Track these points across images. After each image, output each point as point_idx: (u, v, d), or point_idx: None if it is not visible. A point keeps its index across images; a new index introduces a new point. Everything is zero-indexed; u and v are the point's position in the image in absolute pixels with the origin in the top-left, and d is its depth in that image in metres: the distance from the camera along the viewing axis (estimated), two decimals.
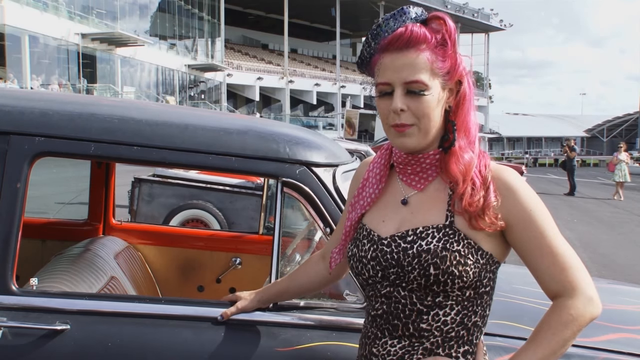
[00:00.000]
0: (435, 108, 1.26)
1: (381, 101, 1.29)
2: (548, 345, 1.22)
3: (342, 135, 20.87)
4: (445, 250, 1.23)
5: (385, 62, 1.26)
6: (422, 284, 1.24)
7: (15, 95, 1.97)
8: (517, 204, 1.26)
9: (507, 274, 2.80)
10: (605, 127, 64.71)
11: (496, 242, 1.28)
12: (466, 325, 1.28)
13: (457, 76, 1.28)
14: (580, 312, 1.23)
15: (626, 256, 8.55)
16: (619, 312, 2.18)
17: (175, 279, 2.98)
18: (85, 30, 29.34)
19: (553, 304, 1.26)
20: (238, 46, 53.52)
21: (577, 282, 1.24)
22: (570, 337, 1.23)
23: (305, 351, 1.65)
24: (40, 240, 2.91)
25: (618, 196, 17.35)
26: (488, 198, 1.24)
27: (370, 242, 1.32)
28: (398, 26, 1.26)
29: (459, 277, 1.22)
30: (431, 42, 1.25)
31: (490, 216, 1.24)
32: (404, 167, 1.34)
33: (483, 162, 1.29)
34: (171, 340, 1.66)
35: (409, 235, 1.27)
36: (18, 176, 1.69)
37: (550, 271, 1.25)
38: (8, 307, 1.65)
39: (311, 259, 1.66)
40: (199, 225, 6.69)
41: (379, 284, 1.31)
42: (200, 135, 1.80)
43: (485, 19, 63.10)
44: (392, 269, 1.27)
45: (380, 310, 1.31)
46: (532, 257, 1.26)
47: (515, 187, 1.27)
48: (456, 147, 1.28)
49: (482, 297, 1.29)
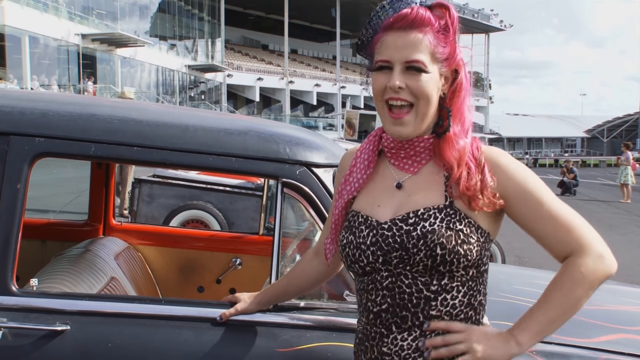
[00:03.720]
0: (433, 89, 1.27)
1: (378, 75, 1.29)
2: (559, 305, 1.24)
3: (342, 136, 20.87)
4: (450, 230, 1.24)
5: (388, 40, 1.27)
6: (428, 265, 1.23)
7: (16, 95, 1.97)
8: (510, 179, 1.28)
9: (507, 274, 2.80)
10: (605, 127, 64.75)
11: (492, 220, 1.30)
12: (473, 305, 1.29)
13: (455, 64, 1.30)
14: (591, 269, 1.23)
15: (626, 257, 8.54)
16: (619, 312, 2.18)
17: (176, 280, 2.98)
18: (86, 30, 29.35)
19: (563, 265, 1.27)
20: (238, 47, 53.51)
21: (584, 240, 1.24)
22: (582, 296, 1.23)
23: (305, 352, 1.65)
24: (40, 241, 2.90)
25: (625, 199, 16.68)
26: (485, 180, 1.26)
27: (368, 228, 1.31)
28: (403, 7, 1.27)
29: (464, 256, 1.23)
30: (434, 26, 1.26)
31: (489, 196, 1.26)
32: (396, 152, 1.34)
33: (475, 145, 1.31)
34: (171, 341, 1.66)
35: (410, 217, 1.27)
36: (18, 177, 1.69)
37: (556, 235, 1.26)
38: (8, 308, 1.65)
39: (305, 257, 1.66)
40: (199, 225, 6.68)
41: (378, 273, 1.29)
42: (200, 136, 1.80)
43: (486, 20, 63.11)
44: (395, 253, 1.26)
45: (385, 304, 1.28)
46: (536, 225, 1.28)
47: (506, 164, 1.30)
48: (451, 133, 1.29)
49: (482, 275, 1.31)
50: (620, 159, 17.89)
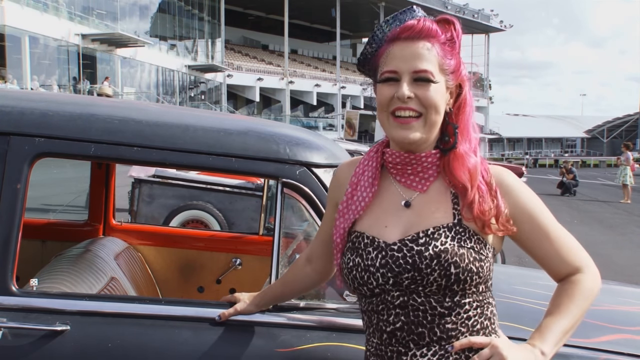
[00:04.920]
0: (441, 100, 1.26)
1: (384, 86, 1.27)
2: (572, 317, 1.28)
3: (342, 136, 20.85)
4: (462, 248, 1.24)
5: (394, 51, 1.26)
6: (442, 285, 1.22)
7: (16, 96, 1.97)
8: (519, 203, 1.30)
9: (507, 274, 2.80)
10: (605, 127, 64.70)
11: (499, 237, 1.32)
12: (487, 315, 1.30)
13: (459, 79, 1.29)
14: (592, 286, 1.31)
15: (626, 257, 8.55)
16: (619, 312, 2.18)
17: (175, 280, 2.98)
18: (86, 30, 29.31)
19: (567, 280, 1.32)
20: (238, 47, 53.49)
21: (584, 260, 1.33)
22: (587, 308, 1.31)
23: (305, 352, 1.65)
24: (40, 241, 2.90)
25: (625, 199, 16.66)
26: (499, 206, 1.27)
27: (376, 250, 1.28)
28: (409, 20, 1.27)
29: (476, 274, 1.24)
30: (441, 37, 1.26)
31: (503, 222, 1.27)
32: (402, 168, 1.32)
33: (484, 167, 1.31)
34: (171, 341, 1.66)
35: (420, 237, 1.25)
36: (18, 177, 1.69)
37: (559, 255, 1.31)
38: (8, 308, 1.65)
39: (297, 263, 1.63)
40: (199, 226, 6.68)
41: (388, 294, 1.26)
42: (200, 136, 1.80)
43: (486, 20, 63.05)
44: (407, 274, 1.24)
45: (399, 322, 1.26)
46: (539, 246, 1.32)
47: (515, 187, 1.31)
48: (460, 150, 1.28)
49: (489, 288, 1.32)
50: (620, 159, 17.87)
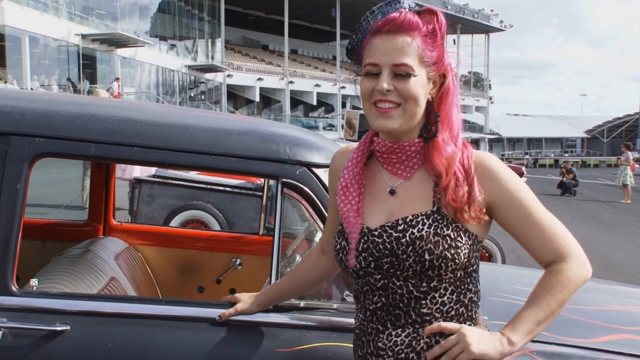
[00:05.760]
0: (421, 92, 1.29)
1: (366, 80, 1.31)
2: (548, 307, 1.28)
3: (342, 136, 20.85)
4: (437, 235, 1.27)
5: (376, 43, 1.29)
6: (417, 270, 1.27)
7: (16, 96, 1.98)
8: (501, 187, 1.31)
9: (507, 274, 2.80)
10: (605, 127, 64.76)
11: (480, 224, 1.33)
12: (463, 302, 1.33)
13: (442, 69, 1.31)
14: (576, 274, 1.30)
15: (626, 257, 8.55)
16: (619, 312, 2.18)
17: (176, 280, 2.98)
18: (86, 31, 29.31)
19: (549, 269, 1.32)
20: (238, 47, 53.49)
21: (569, 247, 1.31)
22: (567, 298, 1.30)
23: (305, 352, 1.65)
24: (40, 241, 2.90)
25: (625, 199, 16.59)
26: (473, 193, 1.29)
27: (360, 234, 1.34)
28: (392, 12, 1.29)
29: (451, 260, 1.26)
30: (422, 30, 1.28)
31: (475, 210, 1.29)
32: (388, 157, 1.36)
33: (466, 154, 1.32)
34: (171, 341, 1.66)
35: (399, 224, 1.30)
36: (18, 177, 1.69)
37: (542, 241, 1.31)
38: (8, 308, 1.65)
39: (310, 256, 1.68)
40: (199, 226, 6.68)
41: (371, 276, 1.33)
42: (200, 136, 1.80)
43: (486, 20, 63.06)
44: (386, 259, 1.30)
45: (380, 302, 1.33)
46: (522, 232, 1.32)
47: (498, 171, 1.32)
48: (439, 139, 1.30)
49: (471, 275, 1.34)
50: (620, 159, 17.85)
